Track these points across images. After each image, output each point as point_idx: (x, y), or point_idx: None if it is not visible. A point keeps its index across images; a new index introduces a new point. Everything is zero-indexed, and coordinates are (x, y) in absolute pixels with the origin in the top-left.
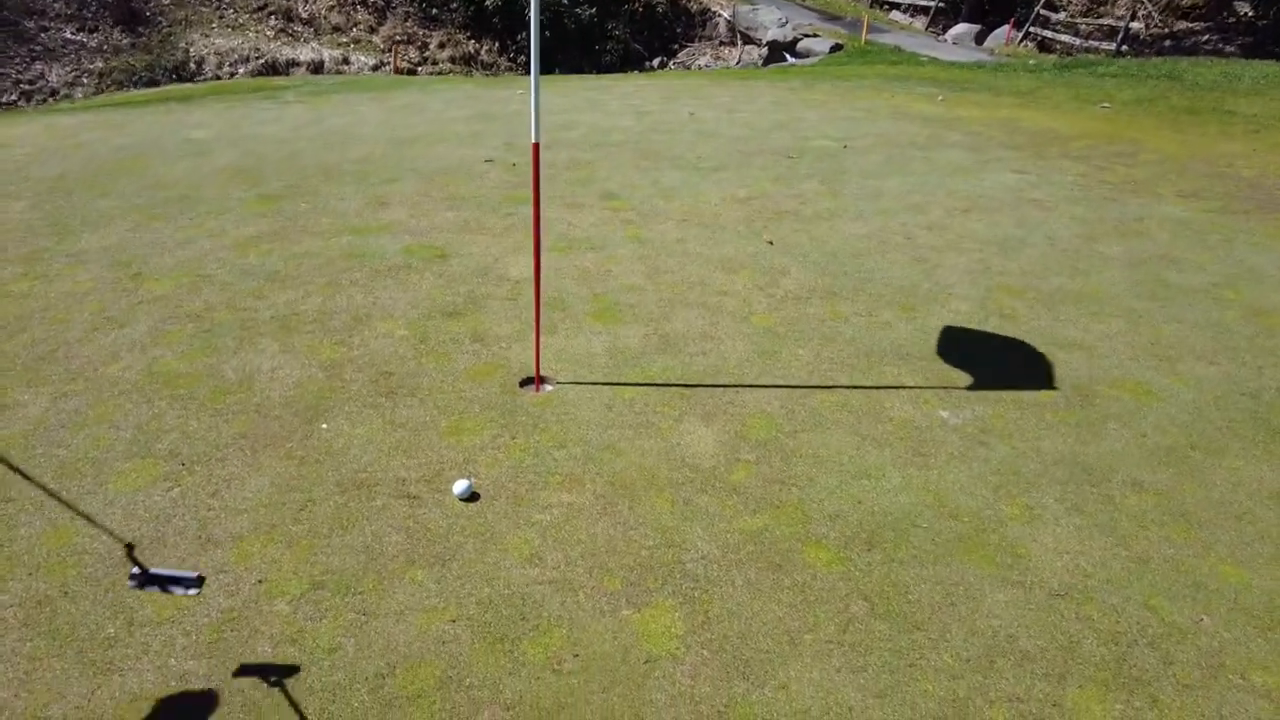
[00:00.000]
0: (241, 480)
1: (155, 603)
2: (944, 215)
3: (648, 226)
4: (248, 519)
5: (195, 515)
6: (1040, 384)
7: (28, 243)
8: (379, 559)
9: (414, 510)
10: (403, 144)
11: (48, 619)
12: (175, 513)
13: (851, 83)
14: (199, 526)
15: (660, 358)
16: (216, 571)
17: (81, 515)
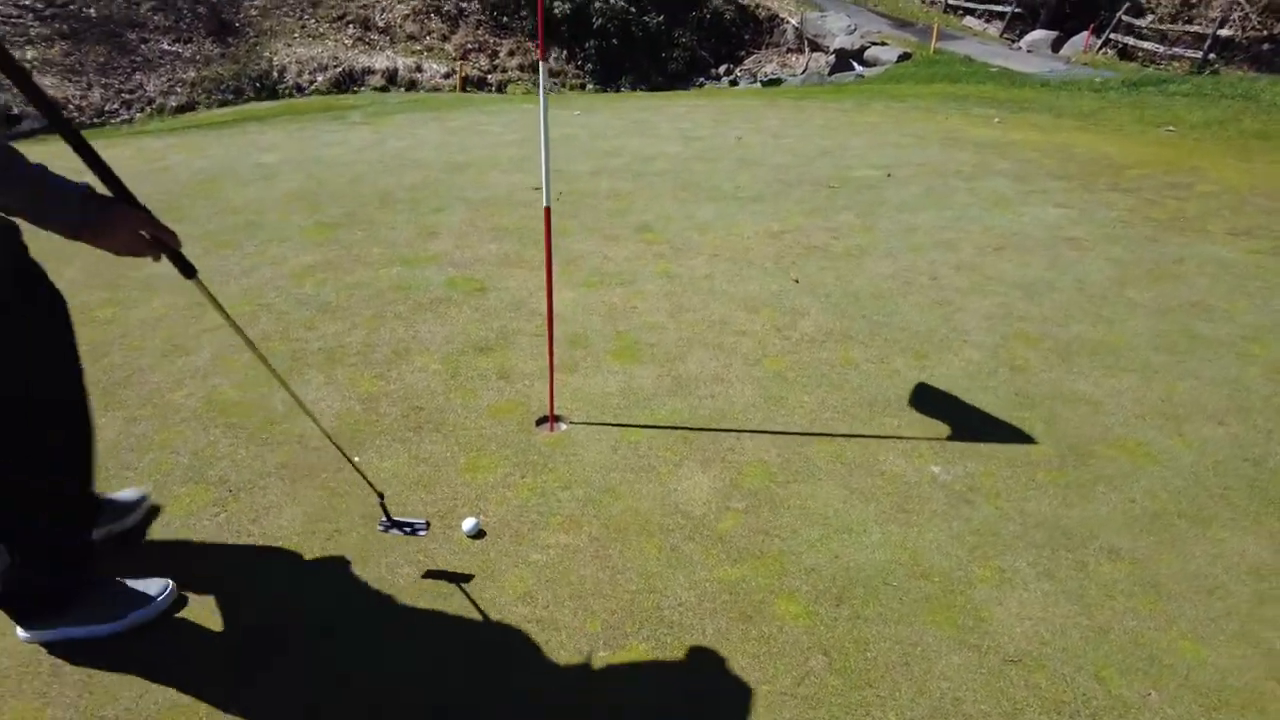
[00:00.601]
0: (279, 509)
1: (195, 615)
2: (975, 254)
3: (678, 261)
4: (281, 545)
5: (235, 540)
6: (1037, 441)
7: (114, 269)
8: (390, 589)
9: (426, 545)
10: (456, 169)
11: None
12: (220, 537)
13: (906, 104)
14: (237, 552)
15: (670, 400)
16: (242, 605)
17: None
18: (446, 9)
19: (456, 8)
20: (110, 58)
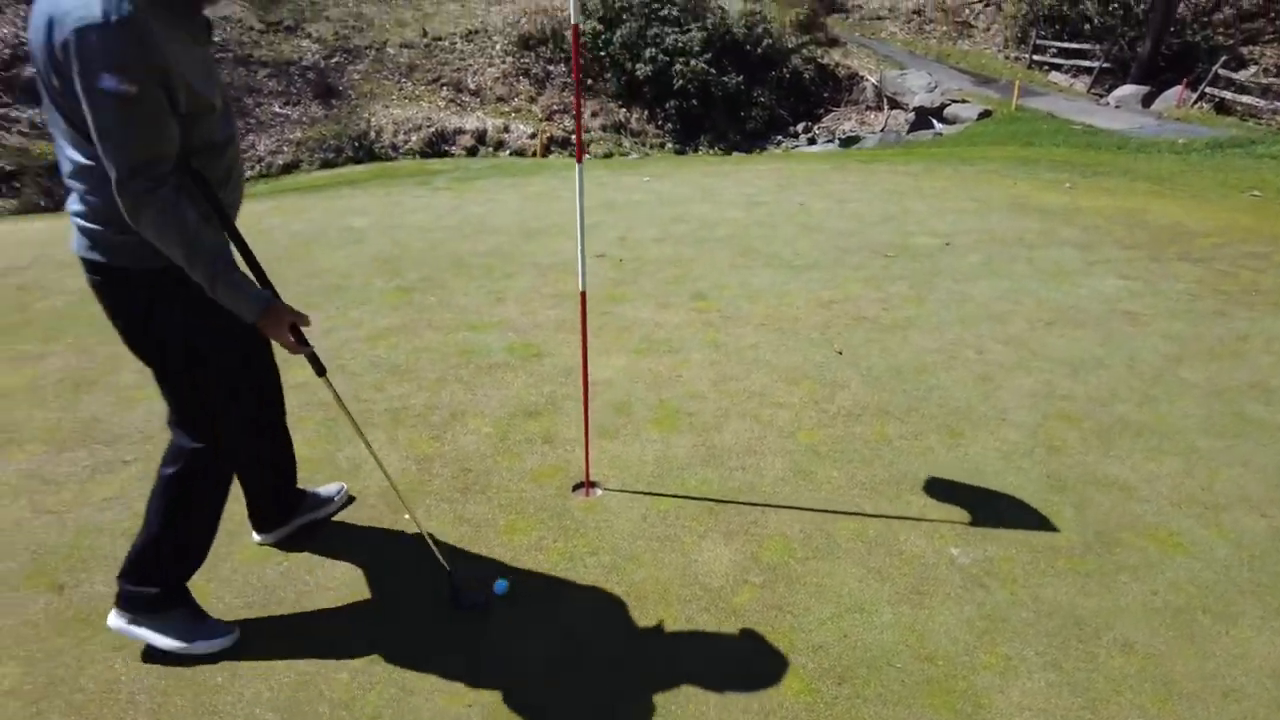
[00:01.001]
0: (334, 563)
1: (250, 658)
2: (1025, 328)
3: (727, 330)
4: (333, 596)
5: (294, 589)
6: (1063, 527)
7: None
8: (422, 643)
9: None
10: (529, 235)
11: (190, 674)
12: (280, 584)
13: (976, 167)
14: (295, 599)
15: (702, 470)
16: (300, 640)
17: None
18: (534, 72)
19: (544, 71)
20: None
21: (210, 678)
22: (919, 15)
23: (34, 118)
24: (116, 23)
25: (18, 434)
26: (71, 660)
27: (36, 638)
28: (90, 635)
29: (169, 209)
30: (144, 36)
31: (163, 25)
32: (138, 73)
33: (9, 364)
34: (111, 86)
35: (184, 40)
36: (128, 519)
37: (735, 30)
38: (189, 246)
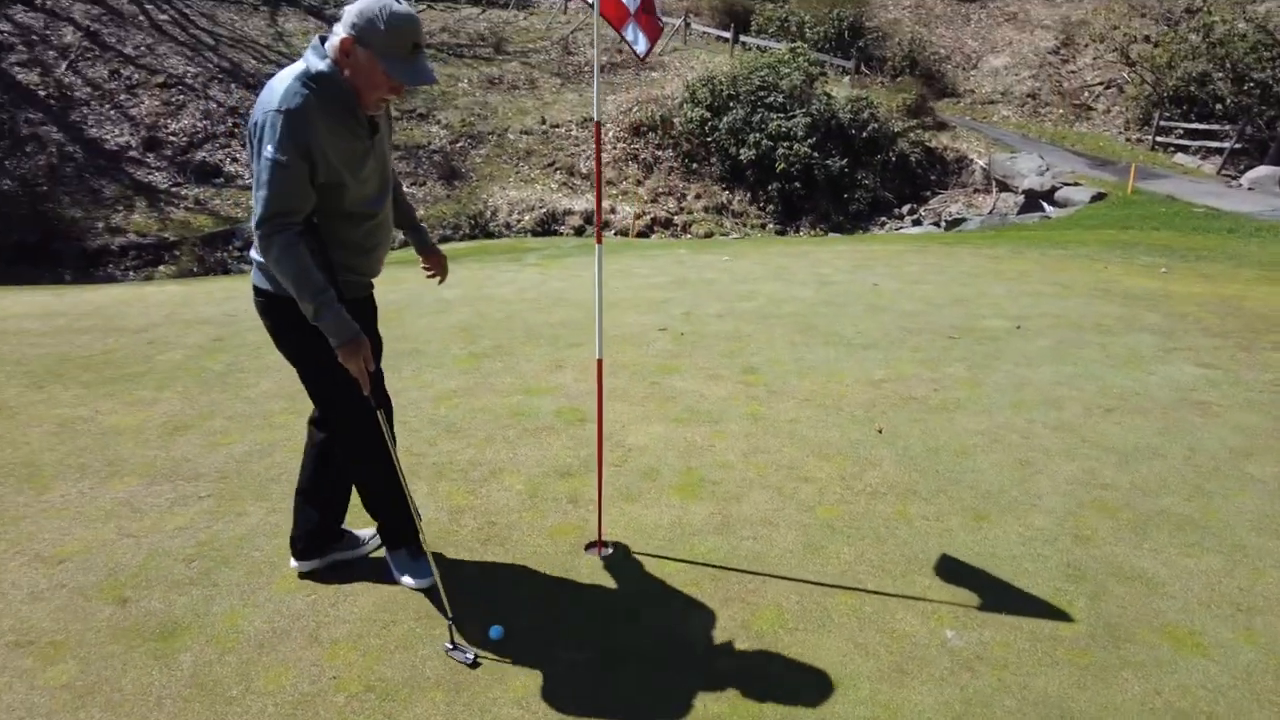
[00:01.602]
0: (355, 598)
1: (264, 677)
2: (1080, 414)
3: (770, 404)
4: (347, 629)
5: (315, 618)
6: (1071, 617)
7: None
8: (417, 677)
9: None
10: None
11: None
12: (305, 613)
13: (1066, 250)
14: (314, 628)
15: (713, 538)
16: (310, 664)
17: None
18: (643, 157)
19: (652, 156)
20: None
21: (228, 689)
22: (1034, 99)
23: (199, 195)
24: (286, 111)
25: (121, 467)
26: (119, 664)
27: (96, 642)
28: (139, 644)
29: (287, 249)
30: (303, 124)
31: (322, 117)
32: (289, 148)
33: (127, 407)
34: (270, 154)
35: (339, 131)
36: (192, 547)
37: (841, 115)
38: (298, 280)
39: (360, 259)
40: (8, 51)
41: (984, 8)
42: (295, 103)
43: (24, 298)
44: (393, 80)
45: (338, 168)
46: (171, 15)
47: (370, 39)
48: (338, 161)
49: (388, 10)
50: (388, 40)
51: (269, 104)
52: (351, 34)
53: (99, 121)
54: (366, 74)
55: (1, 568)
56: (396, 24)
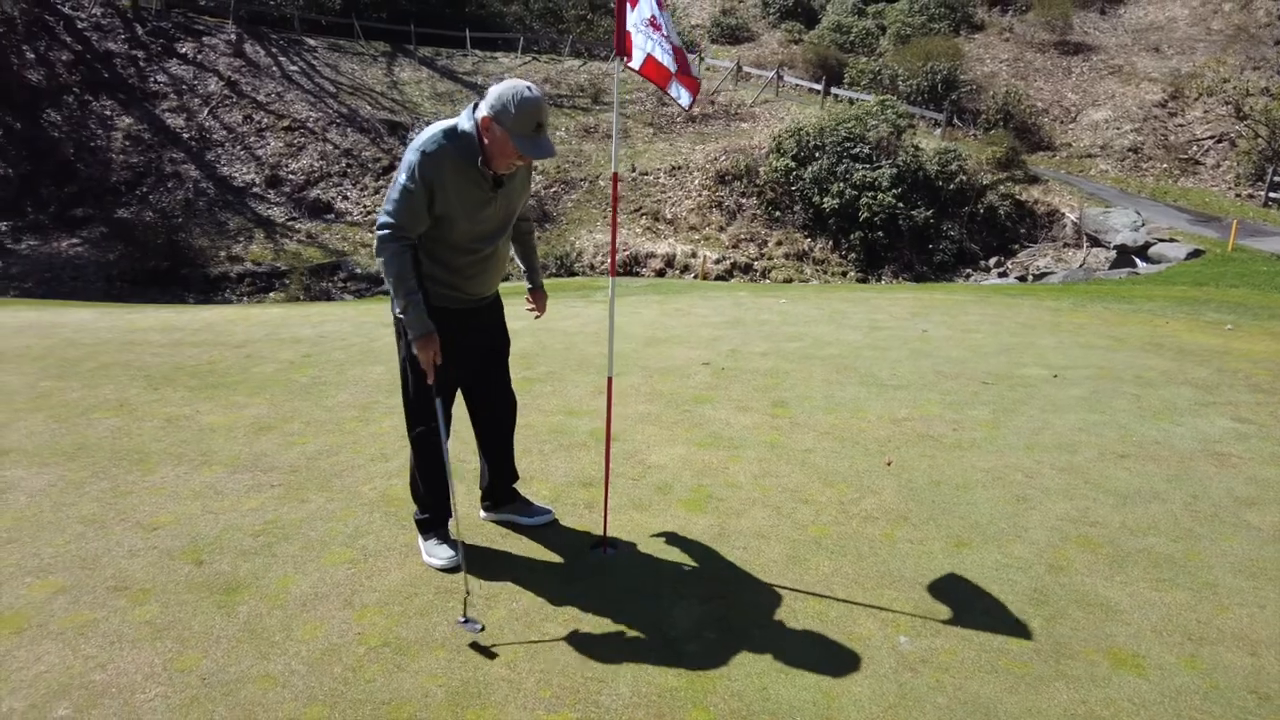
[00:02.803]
0: (389, 573)
1: (305, 628)
2: (1093, 459)
3: (790, 434)
4: (377, 596)
5: (352, 587)
6: (1023, 635)
7: (371, 395)
8: (428, 639)
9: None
10: (652, 343)
11: (261, 631)
12: (344, 582)
13: (1131, 305)
14: (350, 594)
15: (708, 546)
16: (341, 622)
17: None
18: (727, 204)
19: (736, 204)
20: None
21: (272, 635)
22: (1135, 153)
23: (310, 229)
24: (423, 152)
25: (212, 458)
26: (190, 610)
27: (175, 592)
28: (207, 596)
29: (396, 255)
30: (432, 165)
31: (451, 165)
32: (416, 179)
33: (223, 409)
34: (403, 180)
35: (465, 180)
36: (260, 524)
37: (928, 167)
38: (397, 280)
39: (461, 281)
40: (161, 99)
41: (1087, 60)
42: (432, 148)
43: (151, 314)
44: (519, 154)
45: (455, 205)
46: (301, 66)
47: (503, 119)
48: (456, 201)
49: (519, 96)
50: (517, 121)
51: (415, 144)
52: (490, 114)
53: (230, 161)
54: (500, 146)
55: (109, 531)
56: (525, 108)
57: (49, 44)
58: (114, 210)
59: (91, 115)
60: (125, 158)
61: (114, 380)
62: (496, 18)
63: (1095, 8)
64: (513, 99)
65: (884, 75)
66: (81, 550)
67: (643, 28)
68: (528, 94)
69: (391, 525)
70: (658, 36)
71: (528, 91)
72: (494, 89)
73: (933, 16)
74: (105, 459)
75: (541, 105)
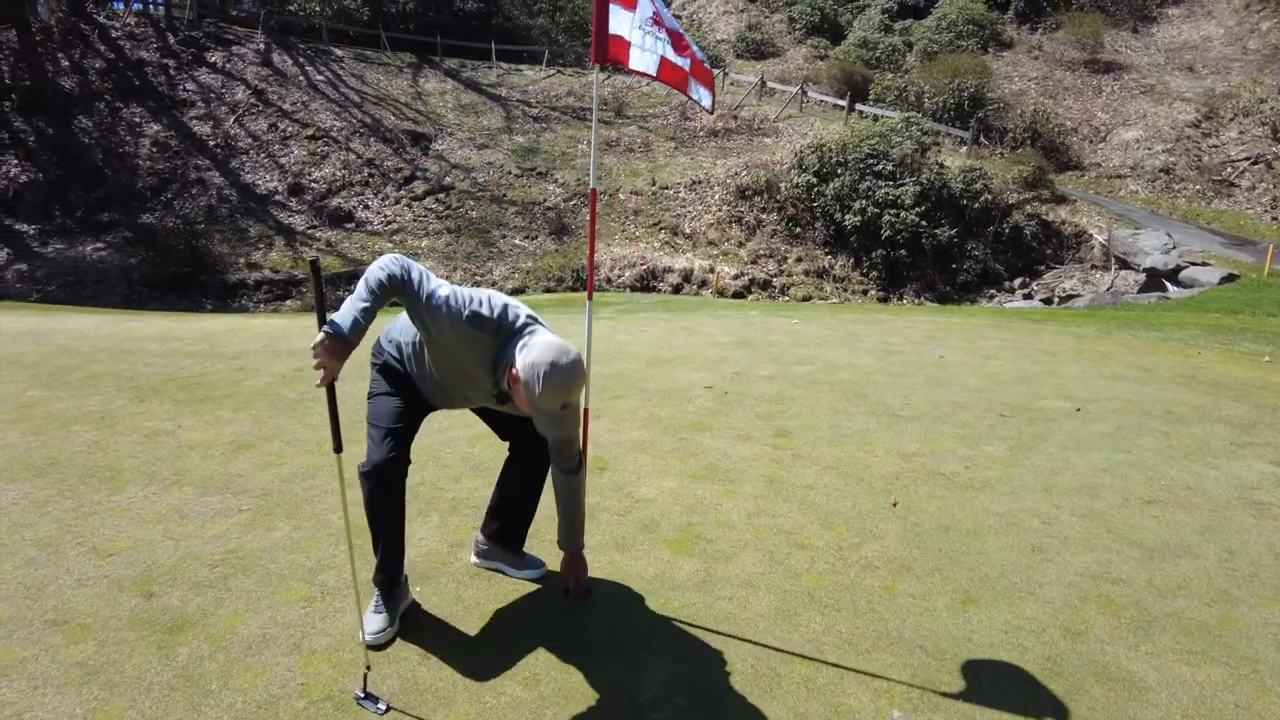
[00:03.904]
0: (343, 615)
1: (245, 675)
2: (1116, 504)
3: (791, 468)
4: (327, 641)
5: (302, 629)
6: (1032, 712)
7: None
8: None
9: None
10: (654, 364)
11: (198, 677)
12: (296, 624)
13: (1160, 333)
14: (299, 638)
15: (690, 595)
16: (285, 670)
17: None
18: (747, 220)
19: (756, 219)
20: (475, 249)
21: (209, 683)
22: (1167, 174)
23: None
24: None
25: (184, 478)
26: (128, 650)
27: (116, 628)
28: (149, 634)
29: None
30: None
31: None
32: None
33: (205, 425)
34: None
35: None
36: (220, 553)
37: (952, 185)
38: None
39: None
40: (189, 107)
41: (1118, 79)
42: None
43: (154, 322)
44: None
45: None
46: (327, 76)
47: (530, 389)
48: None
49: (550, 373)
50: (542, 400)
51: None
52: (519, 374)
53: (254, 168)
54: (522, 400)
55: (62, 556)
56: (552, 388)
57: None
58: (138, 215)
59: (121, 122)
60: (152, 164)
61: (101, 391)
62: (523, 30)
63: (1127, 26)
64: (542, 374)
65: (910, 92)
66: (29, 577)
67: (648, 28)
68: (561, 364)
69: (356, 559)
70: (665, 35)
71: (563, 360)
72: (532, 346)
73: (960, 34)
74: (75, 476)
75: (571, 384)
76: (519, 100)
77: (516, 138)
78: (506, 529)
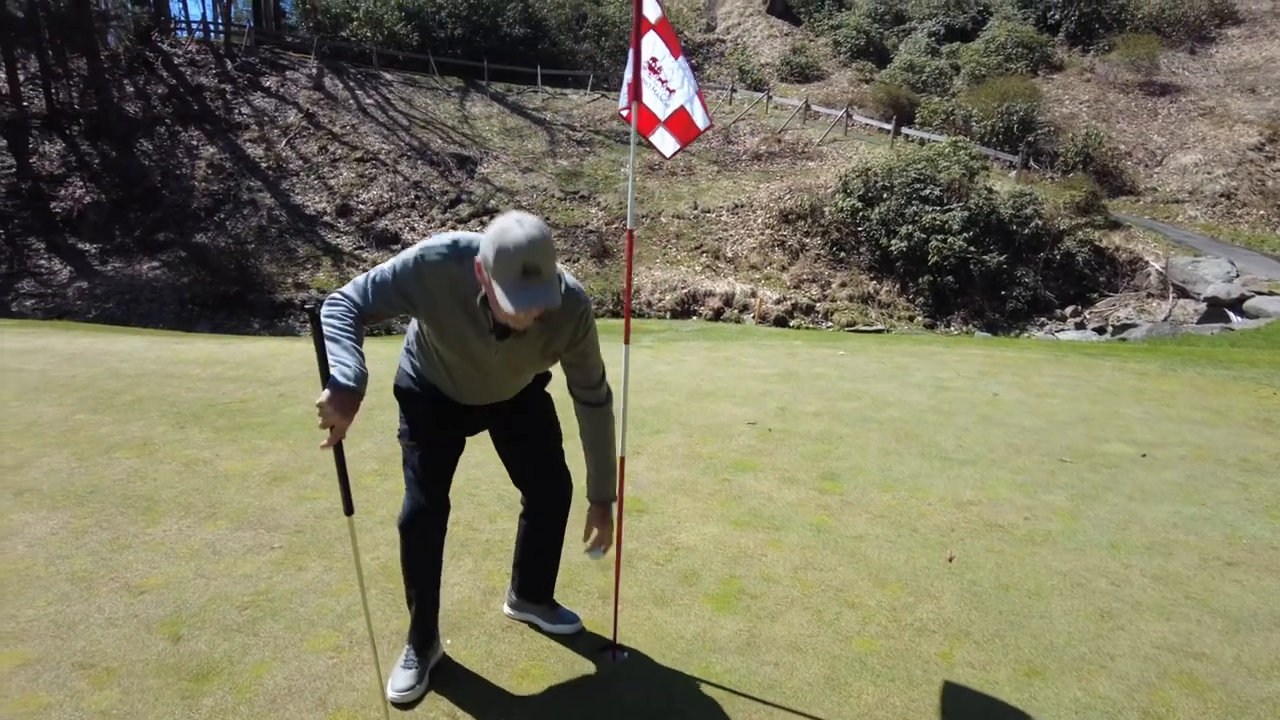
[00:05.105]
0: (370, 669)
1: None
2: (1193, 565)
3: (840, 515)
4: (354, 697)
5: (329, 683)
6: None
7: (393, 446)
8: None
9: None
10: (695, 396)
11: None
12: (323, 676)
13: (1230, 370)
14: (326, 691)
15: (734, 658)
16: None
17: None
18: (790, 244)
19: (799, 243)
20: None
21: None
22: (1228, 199)
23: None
24: (421, 260)
25: (219, 510)
26: (152, 698)
27: (141, 674)
28: (174, 682)
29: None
30: (419, 278)
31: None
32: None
33: (243, 454)
34: (388, 267)
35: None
36: (250, 594)
37: (1001, 210)
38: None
39: (447, 382)
40: (243, 130)
41: (1174, 101)
42: (433, 258)
43: (197, 345)
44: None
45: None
46: (376, 99)
47: (486, 265)
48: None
49: (503, 237)
50: (498, 268)
51: (420, 245)
52: (480, 258)
53: (304, 190)
54: (492, 295)
55: (95, 592)
56: (505, 251)
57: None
58: (192, 235)
59: (179, 145)
60: (206, 185)
61: (145, 416)
62: (568, 55)
63: (1184, 48)
64: (493, 240)
65: (957, 115)
66: (61, 615)
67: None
68: (515, 233)
69: (386, 605)
70: (653, 80)
71: (516, 228)
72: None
73: (1009, 56)
74: (114, 505)
75: (529, 248)
76: (563, 124)
77: (560, 161)
78: (533, 583)
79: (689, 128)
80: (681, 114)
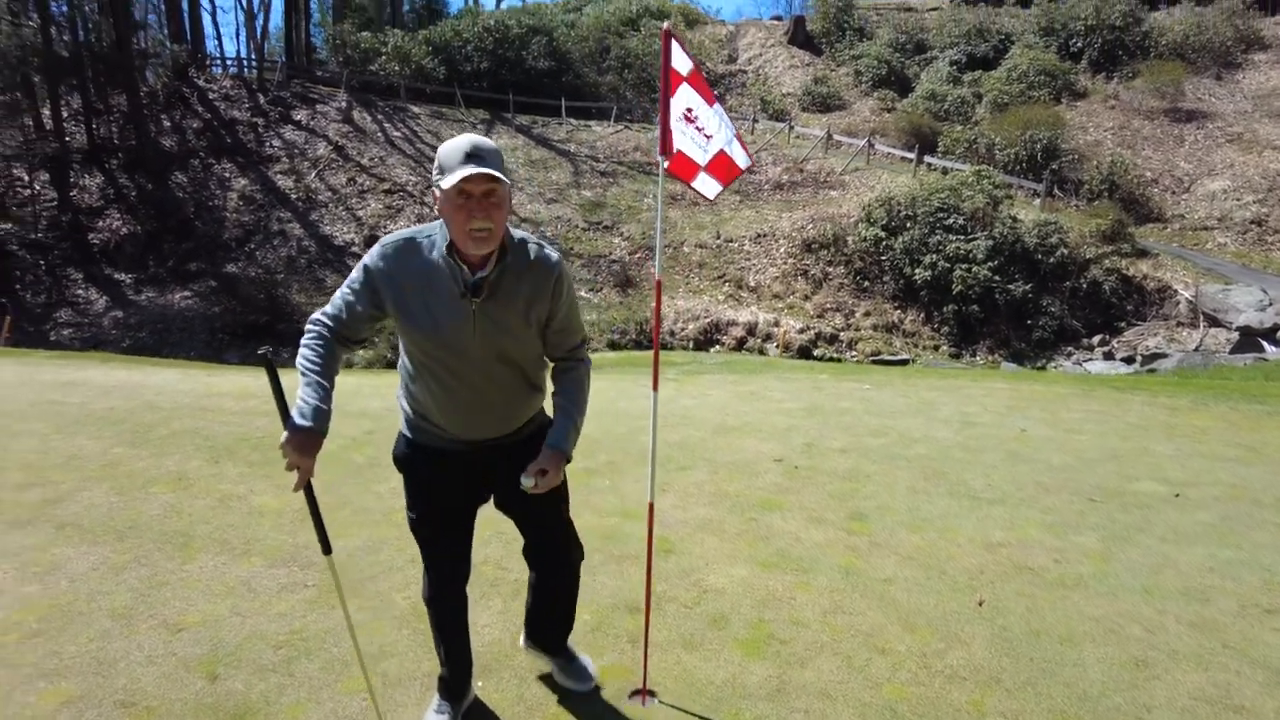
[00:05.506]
0: (406, 711)
1: None
2: (1231, 612)
3: (868, 557)
4: None
5: None
6: None
7: None
8: None
9: None
10: (720, 431)
11: None
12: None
13: (1265, 406)
14: None
15: (763, 704)
16: None
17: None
18: (813, 273)
19: (822, 272)
20: None
21: None
22: (1259, 225)
23: None
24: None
25: (254, 547)
26: None
27: (180, 712)
28: None
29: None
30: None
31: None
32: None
33: (276, 490)
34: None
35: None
36: (285, 633)
37: (1026, 239)
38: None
39: (433, 412)
40: (274, 162)
41: (1201, 128)
42: (390, 239)
43: (230, 378)
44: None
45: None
46: (404, 132)
47: (440, 167)
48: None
49: (451, 141)
50: (447, 160)
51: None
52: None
53: (332, 221)
54: (450, 207)
55: (135, 629)
56: (453, 145)
57: (183, 113)
58: (223, 265)
59: (213, 177)
60: (238, 216)
61: (180, 449)
62: (592, 87)
63: (1210, 74)
64: (442, 148)
65: (980, 144)
66: (102, 652)
67: (679, 124)
68: (460, 136)
69: (417, 647)
70: (690, 130)
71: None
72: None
73: (1032, 84)
74: (152, 541)
75: (474, 139)
76: (587, 155)
77: (584, 192)
78: (542, 634)
79: (730, 169)
80: (722, 157)
